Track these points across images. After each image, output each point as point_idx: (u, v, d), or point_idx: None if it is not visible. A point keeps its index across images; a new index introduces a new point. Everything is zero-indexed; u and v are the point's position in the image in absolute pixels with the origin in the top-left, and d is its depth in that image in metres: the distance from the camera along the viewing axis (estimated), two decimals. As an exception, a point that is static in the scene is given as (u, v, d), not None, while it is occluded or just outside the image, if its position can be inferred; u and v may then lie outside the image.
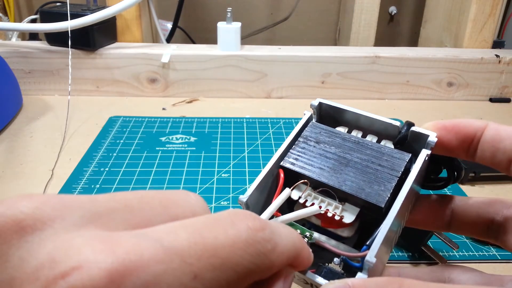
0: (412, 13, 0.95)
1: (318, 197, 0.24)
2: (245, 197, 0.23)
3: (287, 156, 0.25)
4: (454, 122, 0.24)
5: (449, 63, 0.67)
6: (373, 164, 0.24)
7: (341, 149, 0.25)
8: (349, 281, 0.17)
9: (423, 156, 0.23)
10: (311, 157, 0.25)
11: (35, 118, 0.60)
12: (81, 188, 0.44)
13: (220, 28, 0.66)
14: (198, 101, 0.67)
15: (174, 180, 0.46)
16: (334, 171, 0.24)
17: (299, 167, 0.24)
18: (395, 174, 0.23)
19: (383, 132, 0.26)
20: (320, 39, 0.97)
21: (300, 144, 0.26)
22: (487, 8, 0.70)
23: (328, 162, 0.24)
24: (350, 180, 0.23)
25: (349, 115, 0.26)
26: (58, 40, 0.64)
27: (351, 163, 0.24)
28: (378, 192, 0.22)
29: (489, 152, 0.22)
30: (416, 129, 0.24)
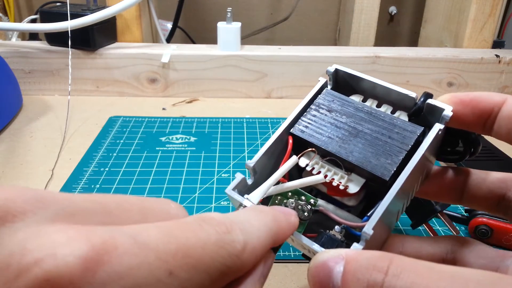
0: (412, 13, 0.95)
1: (325, 165, 0.24)
2: (252, 162, 0.23)
3: (298, 123, 0.25)
4: (472, 96, 0.23)
5: (449, 63, 0.67)
6: (383, 136, 0.23)
7: (352, 119, 0.24)
8: (343, 252, 0.18)
9: (436, 130, 0.22)
10: (321, 125, 0.25)
11: (35, 118, 0.60)
12: (81, 188, 0.44)
13: (220, 28, 0.66)
14: (198, 101, 0.67)
15: (174, 180, 0.46)
16: (342, 141, 0.24)
17: (308, 135, 0.24)
18: (404, 147, 0.23)
19: (398, 103, 0.25)
20: (320, 39, 0.97)
21: (311, 111, 0.25)
22: (487, 8, 0.70)
23: (338, 131, 0.24)
24: (358, 151, 0.23)
25: (365, 83, 0.26)
26: (58, 40, 0.64)
27: (361, 133, 0.24)
28: (384, 165, 0.22)
29: (505, 128, 0.22)
30: (432, 101, 0.23)
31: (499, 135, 0.23)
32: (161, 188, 0.44)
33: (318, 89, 0.26)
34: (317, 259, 0.18)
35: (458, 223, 0.40)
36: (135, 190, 0.44)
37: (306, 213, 0.23)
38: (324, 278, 0.17)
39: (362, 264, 0.17)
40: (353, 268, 0.17)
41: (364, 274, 0.16)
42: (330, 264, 0.17)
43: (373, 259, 0.17)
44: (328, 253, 0.18)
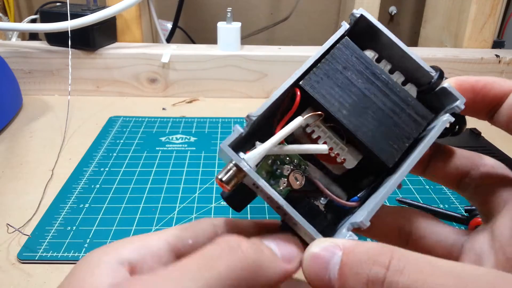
0: (412, 13, 0.95)
1: (326, 132, 0.22)
2: (255, 115, 0.21)
3: (309, 76, 0.22)
4: (483, 83, 0.22)
5: (449, 63, 0.67)
6: (394, 115, 0.22)
7: (368, 85, 0.22)
8: (340, 243, 0.17)
9: (444, 124, 0.21)
10: (334, 85, 0.22)
11: (35, 118, 0.60)
12: (81, 188, 0.44)
13: (220, 28, 0.66)
14: (198, 101, 0.67)
15: (174, 180, 0.46)
16: (353, 111, 0.21)
17: (320, 95, 0.22)
18: (413, 134, 0.22)
19: (412, 74, 0.23)
20: (320, 39, 0.97)
21: (326, 63, 0.22)
22: (487, 8, 0.70)
23: (350, 97, 0.22)
24: (367, 127, 0.21)
25: (385, 40, 0.23)
26: (58, 40, 0.64)
27: (373, 106, 0.22)
28: (390, 150, 0.21)
29: (507, 117, 0.22)
30: (449, 87, 0.22)
31: (500, 122, 0.22)
32: (161, 188, 0.44)
33: (339, 36, 0.23)
34: (312, 249, 0.18)
35: (458, 223, 0.40)
36: (135, 190, 0.44)
37: (298, 181, 0.21)
38: (320, 270, 0.17)
39: (361, 258, 0.16)
40: (351, 261, 0.17)
41: (363, 269, 0.16)
42: (326, 255, 0.17)
43: (373, 252, 0.16)
44: (324, 242, 0.18)
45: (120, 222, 0.39)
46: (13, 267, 0.34)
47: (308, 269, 0.18)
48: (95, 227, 0.38)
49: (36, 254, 0.35)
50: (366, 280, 0.16)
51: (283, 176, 0.21)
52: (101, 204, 0.41)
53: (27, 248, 0.35)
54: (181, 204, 0.42)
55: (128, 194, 0.43)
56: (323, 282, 0.17)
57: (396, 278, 0.15)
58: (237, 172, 0.20)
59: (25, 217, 0.39)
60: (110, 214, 0.40)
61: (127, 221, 0.39)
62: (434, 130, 0.21)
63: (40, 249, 0.35)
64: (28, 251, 0.35)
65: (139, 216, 0.40)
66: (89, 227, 0.38)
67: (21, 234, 0.37)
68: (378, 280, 0.16)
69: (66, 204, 0.41)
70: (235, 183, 0.20)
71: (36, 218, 0.39)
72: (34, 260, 0.34)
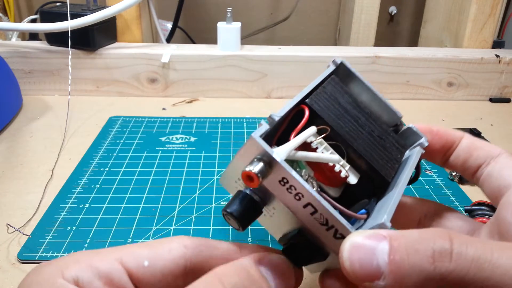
0: (412, 13, 0.95)
1: (329, 148, 0.23)
2: (278, 116, 0.21)
3: (312, 96, 0.24)
4: (438, 127, 0.26)
5: (449, 63, 0.67)
6: (381, 141, 0.24)
7: (358, 114, 0.24)
8: (383, 232, 0.17)
9: (419, 154, 0.25)
10: (333, 108, 0.24)
11: (35, 118, 0.60)
12: (81, 188, 0.44)
13: (220, 28, 0.66)
14: (198, 101, 0.67)
15: (174, 180, 0.46)
16: (352, 132, 0.23)
17: (325, 113, 0.23)
18: (398, 159, 0.24)
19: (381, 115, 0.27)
20: (320, 39, 0.97)
21: (323, 91, 0.24)
22: (487, 8, 0.70)
23: (348, 121, 0.24)
24: (365, 146, 0.23)
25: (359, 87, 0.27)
26: (58, 40, 0.64)
27: (366, 131, 0.24)
28: (387, 168, 0.23)
29: (462, 158, 0.25)
30: (413, 127, 0.26)
31: (454, 165, 0.26)
32: (161, 188, 0.44)
33: (328, 74, 0.26)
34: (352, 239, 0.17)
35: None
36: (135, 190, 0.44)
37: (314, 188, 0.21)
38: (365, 257, 0.17)
39: (416, 239, 0.16)
40: (404, 244, 0.16)
41: (425, 244, 0.16)
42: (371, 243, 0.17)
43: (428, 233, 0.16)
44: (364, 233, 0.17)
45: (120, 222, 0.39)
46: (13, 267, 0.34)
47: (350, 259, 0.17)
48: (95, 227, 0.38)
49: (36, 254, 0.35)
50: (432, 253, 0.16)
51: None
52: (101, 204, 0.41)
53: (27, 248, 0.35)
54: (181, 204, 0.42)
55: (128, 194, 0.43)
56: (370, 270, 0.17)
57: (464, 249, 0.15)
58: (267, 165, 0.19)
59: (25, 217, 0.39)
60: (110, 214, 0.40)
61: (127, 221, 0.39)
62: (413, 157, 0.24)
63: (40, 249, 0.35)
64: (28, 251, 0.35)
65: (139, 216, 0.40)
66: (89, 227, 0.38)
67: (21, 234, 0.37)
68: (446, 251, 0.16)
69: (66, 204, 0.41)
70: (264, 177, 0.19)
71: (36, 218, 0.39)
72: (34, 260, 0.34)
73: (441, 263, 0.16)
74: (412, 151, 0.25)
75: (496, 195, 0.23)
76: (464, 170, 0.25)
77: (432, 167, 0.49)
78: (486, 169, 0.24)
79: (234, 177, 0.22)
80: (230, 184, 0.23)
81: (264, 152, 0.19)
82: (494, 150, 0.24)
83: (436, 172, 0.48)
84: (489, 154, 0.24)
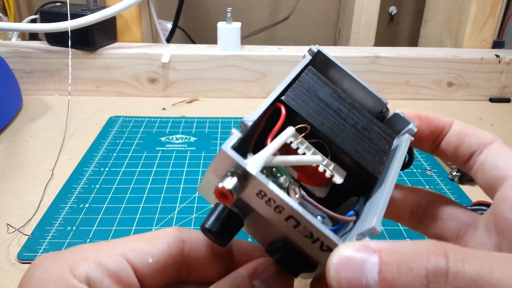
0: (412, 13, 0.95)
1: (311, 147, 0.21)
2: (251, 121, 0.19)
3: (288, 93, 0.22)
4: (426, 113, 0.25)
5: (449, 63, 0.67)
6: (367, 132, 0.23)
7: (339, 105, 0.23)
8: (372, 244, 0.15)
9: (408, 142, 0.23)
10: (312, 103, 0.22)
11: (35, 118, 0.60)
12: (81, 188, 0.44)
13: (220, 28, 0.66)
14: (198, 101, 0.67)
15: (174, 180, 0.46)
16: (334, 127, 0.22)
17: (303, 110, 0.21)
18: (387, 150, 0.23)
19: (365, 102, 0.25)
20: (320, 39, 0.97)
21: (299, 85, 0.22)
22: (487, 8, 0.70)
23: (329, 115, 0.22)
24: (349, 142, 0.21)
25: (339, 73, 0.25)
26: (58, 40, 0.64)
27: (349, 124, 0.22)
28: (374, 162, 0.22)
29: (453, 145, 0.24)
30: (401, 113, 0.24)
31: (445, 153, 0.24)
32: (161, 188, 0.44)
33: (304, 66, 0.24)
34: (339, 253, 0.16)
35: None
36: (135, 190, 0.44)
37: (297, 195, 0.20)
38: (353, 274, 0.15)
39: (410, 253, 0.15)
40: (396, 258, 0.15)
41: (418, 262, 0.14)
42: (359, 257, 0.15)
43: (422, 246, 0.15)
44: (352, 245, 0.16)
45: (120, 222, 0.39)
46: (13, 267, 0.34)
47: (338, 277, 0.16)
48: (95, 227, 0.38)
49: (36, 254, 0.35)
50: (425, 273, 0.14)
51: (282, 189, 0.19)
52: (101, 204, 0.41)
53: (27, 248, 0.35)
54: (181, 204, 0.42)
55: (128, 194, 0.43)
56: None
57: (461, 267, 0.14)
58: (241, 179, 0.17)
59: (25, 217, 0.39)
60: (110, 214, 0.40)
61: (127, 221, 0.39)
62: (402, 145, 0.23)
63: (40, 249, 0.35)
64: (28, 251, 0.35)
65: (139, 216, 0.40)
66: (89, 227, 0.38)
67: (21, 234, 0.37)
68: (441, 271, 0.14)
69: (66, 204, 0.41)
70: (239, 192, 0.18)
71: (36, 218, 0.39)
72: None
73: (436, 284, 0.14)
74: (400, 138, 0.24)
75: (491, 186, 0.22)
76: (456, 158, 0.24)
77: (432, 167, 0.49)
78: (479, 157, 0.23)
79: (210, 190, 0.20)
80: (208, 195, 0.21)
81: (237, 165, 0.17)
82: (486, 137, 0.23)
83: (436, 172, 0.48)
84: (481, 141, 0.23)
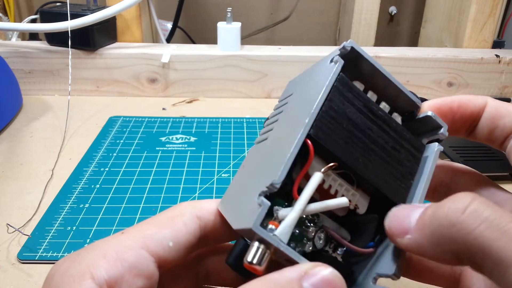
0: (412, 13, 0.95)
1: (337, 179, 0.21)
2: (279, 183, 0.18)
3: (316, 123, 0.20)
4: (458, 102, 0.23)
5: (449, 63, 0.67)
6: (395, 152, 0.22)
7: (369, 124, 0.21)
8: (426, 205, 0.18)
9: (438, 154, 0.22)
10: (341, 129, 0.20)
11: (35, 118, 0.60)
12: (81, 188, 0.44)
13: (220, 28, 0.66)
14: (198, 101, 0.67)
15: (174, 180, 0.46)
16: (361, 154, 0.21)
17: (332, 144, 0.20)
18: (414, 170, 0.22)
19: (396, 102, 0.23)
20: (320, 39, 0.97)
21: (328, 107, 0.20)
22: (487, 8, 0.70)
23: (358, 140, 0.21)
24: (376, 170, 0.21)
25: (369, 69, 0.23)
26: (58, 40, 0.64)
27: (377, 146, 0.21)
28: (400, 190, 0.21)
29: (487, 129, 0.23)
30: (433, 116, 0.23)
31: (480, 137, 0.23)
32: (161, 188, 0.44)
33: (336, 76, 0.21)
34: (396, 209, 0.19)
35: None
36: (135, 190, 0.44)
37: (321, 241, 0.20)
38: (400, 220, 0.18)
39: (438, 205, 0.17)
40: (430, 211, 0.17)
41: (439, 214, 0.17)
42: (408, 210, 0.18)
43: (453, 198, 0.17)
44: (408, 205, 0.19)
45: (120, 222, 0.39)
46: (13, 267, 0.34)
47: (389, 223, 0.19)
48: (95, 227, 0.38)
49: (36, 254, 0.35)
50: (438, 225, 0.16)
51: (308, 239, 0.20)
52: (101, 204, 0.41)
53: (27, 248, 0.35)
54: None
55: (128, 194, 0.43)
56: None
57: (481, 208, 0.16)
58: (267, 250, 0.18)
59: (25, 217, 0.39)
60: (110, 214, 0.40)
61: (127, 221, 0.39)
62: (430, 163, 0.22)
63: (40, 249, 0.35)
64: (28, 251, 0.35)
65: (139, 216, 0.40)
66: (89, 227, 0.38)
67: (21, 234, 0.37)
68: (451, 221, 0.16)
69: (66, 204, 0.41)
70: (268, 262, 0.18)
71: (36, 218, 0.39)
72: (34, 260, 0.34)
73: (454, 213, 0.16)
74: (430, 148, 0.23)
75: None
76: (491, 141, 0.23)
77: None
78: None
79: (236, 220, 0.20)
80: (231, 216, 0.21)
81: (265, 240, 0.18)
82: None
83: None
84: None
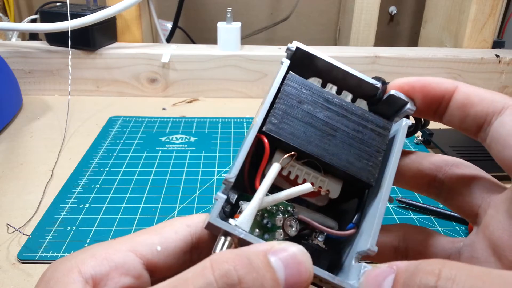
0: (412, 13, 0.95)
1: (302, 169, 0.22)
2: (233, 177, 0.19)
3: (269, 119, 0.21)
4: (423, 83, 0.22)
5: (449, 63, 0.67)
6: (358, 133, 0.22)
7: (326, 112, 0.22)
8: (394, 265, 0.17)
9: (406, 128, 0.22)
10: (296, 120, 0.22)
11: (35, 118, 0.60)
12: (81, 188, 0.44)
13: (220, 28, 0.66)
14: (198, 101, 0.67)
15: (174, 180, 0.46)
16: (321, 141, 0.21)
17: (286, 136, 0.21)
18: (381, 146, 0.22)
19: (357, 89, 0.24)
20: (320, 39, 0.97)
21: (280, 103, 0.22)
22: (487, 8, 0.70)
23: (314, 128, 0.22)
24: (338, 152, 0.21)
25: (324, 65, 0.24)
26: (58, 40, 0.64)
27: (337, 131, 0.22)
28: (367, 168, 0.21)
29: (458, 117, 0.22)
30: (395, 93, 0.23)
31: (451, 123, 0.22)
32: (161, 188, 0.44)
33: (284, 73, 0.23)
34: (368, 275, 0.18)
35: (459, 223, 0.40)
36: (135, 190, 0.44)
37: (294, 228, 0.21)
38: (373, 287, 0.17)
39: (411, 270, 0.16)
40: (403, 277, 0.16)
41: (413, 280, 0.16)
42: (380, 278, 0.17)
43: (423, 264, 0.16)
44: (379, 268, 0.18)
45: (120, 222, 0.39)
46: (13, 267, 0.34)
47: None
48: (95, 227, 0.38)
49: (36, 254, 0.35)
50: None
51: (278, 228, 0.21)
52: (101, 204, 0.41)
53: (27, 248, 0.35)
54: (181, 204, 0.42)
55: (128, 194, 0.43)
56: None
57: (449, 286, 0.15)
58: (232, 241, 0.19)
59: (25, 217, 0.39)
60: (110, 214, 0.40)
61: (127, 221, 0.39)
62: (398, 137, 0.22)
63: (40, 249, 0.35)
64: (28, 251, 0.35)
65: (139, 216, 0.40)
66: (89, 227, 0.38)
67: (21, 234, 0.37)
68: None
69: (66, 204, 0.41)
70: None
71: (36, 218, 0.39)
72: (34, 260, 0.34)
73: None
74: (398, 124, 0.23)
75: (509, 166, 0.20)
76: (464, 131, 0.22)
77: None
78: (489, 130, 0.21)
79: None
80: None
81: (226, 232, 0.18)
82: (495, 105, 0.21)
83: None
84: (489, 110, 0.21)
